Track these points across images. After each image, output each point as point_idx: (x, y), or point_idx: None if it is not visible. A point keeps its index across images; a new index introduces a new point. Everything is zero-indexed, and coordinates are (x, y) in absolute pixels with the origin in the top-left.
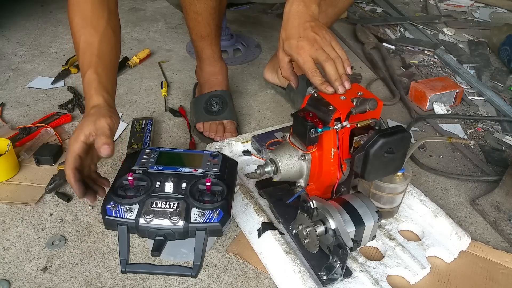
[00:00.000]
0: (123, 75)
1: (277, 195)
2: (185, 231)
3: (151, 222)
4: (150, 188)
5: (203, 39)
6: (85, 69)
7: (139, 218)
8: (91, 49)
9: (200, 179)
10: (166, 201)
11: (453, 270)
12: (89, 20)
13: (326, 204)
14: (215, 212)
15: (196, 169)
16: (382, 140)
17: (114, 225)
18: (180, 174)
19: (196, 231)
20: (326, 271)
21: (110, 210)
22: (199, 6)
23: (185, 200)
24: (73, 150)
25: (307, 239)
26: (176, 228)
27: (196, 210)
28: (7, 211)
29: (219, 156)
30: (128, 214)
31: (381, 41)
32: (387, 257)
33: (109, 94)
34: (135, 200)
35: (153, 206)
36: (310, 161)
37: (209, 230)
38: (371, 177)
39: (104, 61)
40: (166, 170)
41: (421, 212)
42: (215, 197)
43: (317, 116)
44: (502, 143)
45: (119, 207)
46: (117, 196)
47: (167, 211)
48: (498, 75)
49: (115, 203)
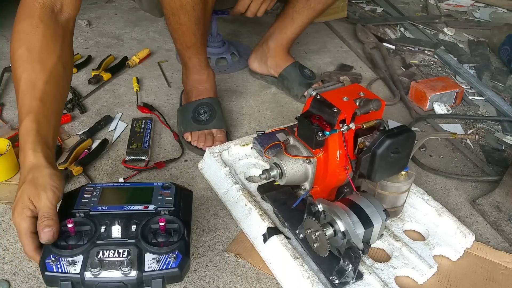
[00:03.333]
0: (122, 75)
1: (281, 199)
2: (139, 281)
3: (98, 276)
4: (95, 234)
5: (188, 49)
6: (23, 115)
7: (84, 271)
8: (34, 92)
9: (152, 218)
10: (115, 249)
11: (453, 271)
12: (37, 53)
13: (333, 206)
14: (173, 256)
15: (146, 205)
16: (389, 141)
17: (56, 281)
18: (129, 214)
19: (152, 280)
20: (338, 275)
21: (50, 265)
22: (183, 17)
23: (137, 244)
24: (25, 230)
25: (317, 243)
26: (128, 280)
27: (151, 256)
28: (7, 211)
29: (171, 187)
30: (71, 268)
31: (381, 41)
32: (394, 258)
33: (49, 147)
34: (78, 251)
35: (100, 257)
36: (316, 164)
37: (166, 277)
38: (377, 178)
39: (47, 106)
40: (111, 210)
41: (425, 211)
42: (171, 237)
43: (323, 118)
44: (503, 143)
45: (59, 260)
46: (56, 248)
47: (116, 260)
48: (498, 75)
49: (55, 256)
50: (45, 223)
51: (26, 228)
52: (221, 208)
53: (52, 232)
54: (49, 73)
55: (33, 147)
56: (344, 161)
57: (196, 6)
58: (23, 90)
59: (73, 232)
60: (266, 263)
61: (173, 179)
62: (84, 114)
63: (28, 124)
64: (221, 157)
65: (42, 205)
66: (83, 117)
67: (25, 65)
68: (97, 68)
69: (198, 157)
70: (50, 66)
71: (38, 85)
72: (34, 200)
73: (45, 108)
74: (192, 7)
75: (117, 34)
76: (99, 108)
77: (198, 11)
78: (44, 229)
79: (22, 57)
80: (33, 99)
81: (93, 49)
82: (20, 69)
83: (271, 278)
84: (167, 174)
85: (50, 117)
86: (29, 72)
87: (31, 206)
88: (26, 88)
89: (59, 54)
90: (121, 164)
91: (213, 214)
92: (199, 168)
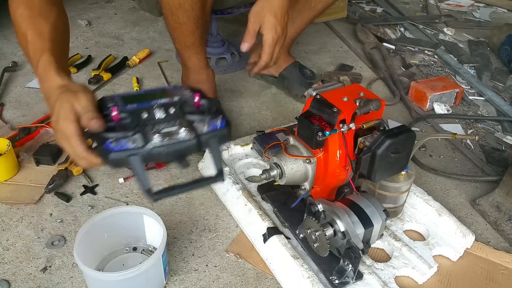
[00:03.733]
0: (122, 75)
1: (280, 199)
2: (198, 144)
3: (163, 142)
4: (140, 120)
5: (188, 48)
6: (38, 54)
7: (148, 144)
8: (43, 36)
9: (185, 100)
10: (167, 124)
11: (454, 271)
12: (37, 10)
13: (333, 206)
14: (218, 120)
15: (170, 98)
16: (389, 141)
17: (124, 160)
18: (159, 104)
19: (209, 140)
20: (337, 275)
21: (113, 146)
22: (181, 17)
23: (183, 118)
24: (73, 133)
25: (317, 243)
26: (190, 141)
27: (199, 123)
28: (7, 211)
29: (182, 87)
30: (134, 145)
31: (381, 41)
32: (394, 258)
33: (69, 76)
34: (135, 131)
35: (157, 128)
36: (316, 164)
37: (218, 137)
38: (378, 178)
39: (57, 46)
40: (142, 105)
41: (425, 211)
42: (208, 110)
43: (323, 119)
44: (503, 143)
45: (120, 141)
46: (111, 132)
47: (172, 130)
48: (498, 75)
49: (114, 139)
50: (90, 115)
51: (74, 130)
52: (221, 208)
53: (100, 122)
54: (52, 25)
55: (57, 72)
56: (344, 161)
57: (194, 5)
58: (31, 40)
59: (117, 121)
60: (266, 263)
61: (173, 179)
62: None
63: (46, 58)
64: (221, 157)
65: (83, 104)
66: None
67: (28, 21)
68: (97, 68)
69: (198, 157)
70: (52, 20)
71: (45, 33)
72: (75, 103)
73: (57, 47)
74: (190, 6)
75: (117, 34)
76: None
77: (196, 10)
78: (91, 120)
79: (24, 15)
80: (43, 42)
81: (93, 49)
82: (24, 24)
83: (271, 278)
84: (167, 174)
85: (62, 56)
86: (34, 26)
87: (74, 109)
88: (35, 38)
89: (57, 13)
90: None
91: (213, 214)
92: (199, 168)
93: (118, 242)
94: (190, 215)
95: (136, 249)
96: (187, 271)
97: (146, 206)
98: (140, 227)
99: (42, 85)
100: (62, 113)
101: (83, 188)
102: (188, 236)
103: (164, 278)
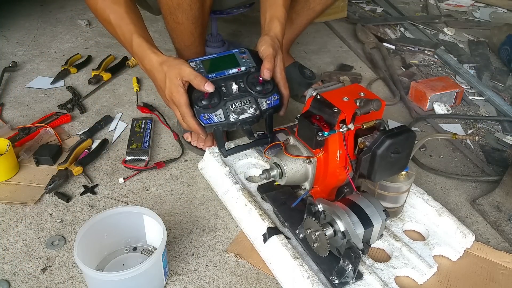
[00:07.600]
0: (122, 75)
1: (280, 199)
2: (261, 116)
3: (238, 118)
4: (222, 93)
5: (187, 48)
6: (128, 36)
7: (228, 118)
8: (124, 20)
9: (249, 75)
10: (240, 100)
11: (454, 271)
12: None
13: (333, 206)
14: (274, 97)
15: (239, 68)
16: (389, 141)
17: (211, 129)
18: (232, 76)
19: (267, 112)
20: (337, 275)
21: (205, 119)
22: (180, 16)
23: (251, 94)
24: (185, 103)
25: (317, 243)
26: (255, 116)
27: (262, 99)
28: (7, 211)
29: (246, 52)
30: (218, 118)
31: (381, 41)
32: (394, 258)
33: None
34: (219, 107)
35: (233, 106)
36: (316, 164)
37: (274, 109)
38: (378, 178)
39: (140, 27)
40: (219, 76)
41: (424, 212)
42: (267, 85)
43: (323, 119)
44: (503, 143)
45: (209, 115)
46: (203, 108)
47: (244, 107)
48: (498, 75)
49: (205, 114)
50: (201, 79)
51: (185, 100)
52: (221, 208)
53: (211, 83)
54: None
55: (153, 51)
56: (344, 161)
57: (193, 5)
58: (115, 22)
59: (207, 95)
60: (266, 263)
61: (173, 179)
62: (84, 114)
63: (137, 40)
64: (221, 157)
65: (188, 72)
66: (83, 117)
67: (109, 6)
68: (97, 68)
69: (198, 157)
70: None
71: (124, 15)
72: (180, 75)
73: (139, 28)
74: (189, 6)
75: None
76: (99, 108)
77: (195, 10)
78: (204, 83)
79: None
80: (127, 25)
81: (93, 49)
82: (106, 10)
83: (271, 278)
84: (167, 174)
85: (146, 33)
86: (114, 8)
87: (182, 81)
88: (117, 20)
89: None
90: (121, 164)
91: (213, 214)
92: (199, 168)
93: (118, 242)
94: (190, 215)
95: (136, 249)
96: (187, 271)
97: (146, 206)
98: (140, 227)
99: (142, 64)
100: (173, 86)
101: (83, 188)
102: (188, 236)
103: (164, 278)
